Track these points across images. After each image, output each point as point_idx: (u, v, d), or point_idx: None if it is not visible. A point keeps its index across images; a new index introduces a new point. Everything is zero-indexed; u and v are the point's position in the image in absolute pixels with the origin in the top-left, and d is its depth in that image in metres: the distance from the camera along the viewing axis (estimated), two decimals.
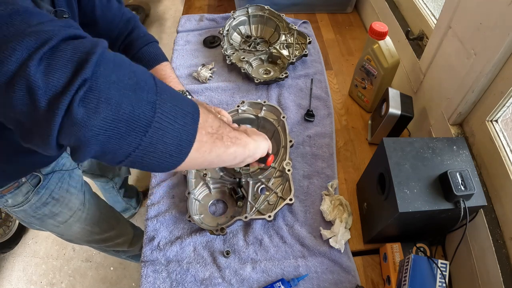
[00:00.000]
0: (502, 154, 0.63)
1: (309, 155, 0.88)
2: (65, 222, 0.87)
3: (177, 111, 0.39)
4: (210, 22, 1.27)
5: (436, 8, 0.90)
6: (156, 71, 0.83)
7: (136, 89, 0.35)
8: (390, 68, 0.86)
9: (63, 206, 0.84)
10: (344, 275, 0.70)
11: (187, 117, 0.40)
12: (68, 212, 0.86)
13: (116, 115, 0.34)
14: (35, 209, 0.78)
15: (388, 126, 0.83)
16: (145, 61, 0.83)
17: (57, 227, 0.88)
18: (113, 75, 0.34)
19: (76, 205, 0.87)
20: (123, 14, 0.83)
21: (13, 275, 1.60)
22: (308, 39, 1.09)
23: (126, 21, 0.83)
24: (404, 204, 0.57)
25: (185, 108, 0.40)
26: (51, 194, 0.80)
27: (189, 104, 0.42)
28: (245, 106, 0.92)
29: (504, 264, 0.58)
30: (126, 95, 0.34)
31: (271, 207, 0.77)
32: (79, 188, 0.89)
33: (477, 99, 0.69)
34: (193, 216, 0.74)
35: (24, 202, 0.75)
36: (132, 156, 0.37)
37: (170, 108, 0.38)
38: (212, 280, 0.70)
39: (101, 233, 1.02)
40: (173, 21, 2.80)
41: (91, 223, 0.95)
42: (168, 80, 0.82)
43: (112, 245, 1.12)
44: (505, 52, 0.58)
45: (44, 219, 0.83)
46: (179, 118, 0.39)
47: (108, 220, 1.04)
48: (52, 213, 0.83)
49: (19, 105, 0.32)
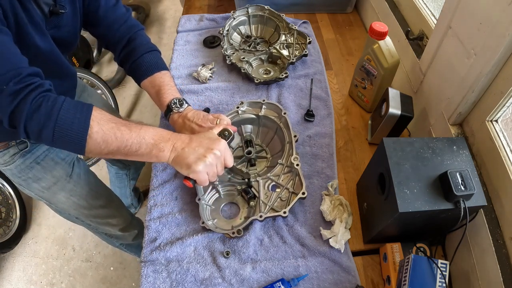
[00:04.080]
0: (502, 154, 0.63)
1: (309, 155, 0.88)
2: (48, 189, 0.91)
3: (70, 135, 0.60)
4: (210, 22, 1.27)
5: (436, 8, 0.91)
6: (154, 78, 0.85)
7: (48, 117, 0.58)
8: (390, 68, 0.86)
9: (47, 172, 0.88)
10: (344, 275, 0.70)
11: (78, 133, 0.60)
12: (51, 179, 0.90)
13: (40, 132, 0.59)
14: (20, 171, 0.85)
15: (388, 126, 0.83)
16: (145, 67, 0.84)
17: (42, 192, 0.91)
18: (35, 125, 0.58)
19: (60, 174, 0.91)
20: (127, 20, 0.85)
21: (13, 275, 1.60)
22: (308, 39, 1.09)
23: (128, 27, 0.85)
24: (404, 204, 0.57)
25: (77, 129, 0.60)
26: (36, 159, 0.85)
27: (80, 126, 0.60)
28: (245, 106, 0.92)
29: (504, 264, 0.58)
30: (42, 125, 0.58)
31: (284, 203, 0.77)
32: (68, 160, 0.92)
33: (477, 99, 0.69)
34: (206, 222, 0.74)
35: (10, 162, 0.82)
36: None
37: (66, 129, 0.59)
38: (212, 280, 0.70)
39: (89, 208, 1.02)
40: (173, 21, 2.80)
41: (77, 196, 0.97)
42: (166, 88, 0.84)
43: (103, 223, 1.12)
44: (505, 52, 0.58)
45: (29, 182, 0.88)
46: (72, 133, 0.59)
47: (98, 197, 1.05)
48: (36, 177, 0.88)
49: None
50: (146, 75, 0.85)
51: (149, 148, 0.64)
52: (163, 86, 0.84)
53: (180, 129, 0.81)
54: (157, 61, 0.87)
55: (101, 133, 0.60)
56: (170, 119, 0.83)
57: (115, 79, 2.34)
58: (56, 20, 0.70)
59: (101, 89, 1.91)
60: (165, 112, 0.83)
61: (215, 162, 0.66)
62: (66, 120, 0.58)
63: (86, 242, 1.66)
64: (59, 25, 0.71)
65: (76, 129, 0.59)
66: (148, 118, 2.20)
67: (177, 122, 0.82)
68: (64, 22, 0.72)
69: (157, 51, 0.88)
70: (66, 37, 0.75)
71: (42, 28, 0.66)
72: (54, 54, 0.71)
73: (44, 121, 0.57)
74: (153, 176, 0.86)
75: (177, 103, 0.82)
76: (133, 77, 0.89)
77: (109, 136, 0.61)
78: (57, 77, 0.76)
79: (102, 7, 0.80)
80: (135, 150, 0.63)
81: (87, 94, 1.07)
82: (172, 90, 0.85)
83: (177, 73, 1.09)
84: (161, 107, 0.85)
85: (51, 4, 0.67)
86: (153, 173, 0.87)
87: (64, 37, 0.73)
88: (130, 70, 0.88)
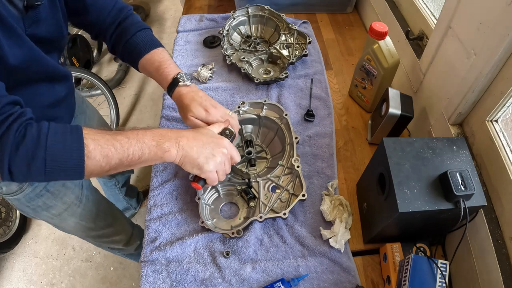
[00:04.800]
0: (502, 154, 0.63)
1: (309, 155, 0.88)
2: (59, 215, 0.87)
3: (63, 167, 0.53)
4: (210, 22, 1.27)
5: (436, 8, 0.90)
6: (153, 55, 0.79)
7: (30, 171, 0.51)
8: (390, 68, 0.86)
9: (58, 199, 0.83)
10: (344, 275, 0.70)
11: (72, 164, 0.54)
12: (62, 206, 0.86)
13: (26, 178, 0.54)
14: (29, 200, 0.79)
15: (388, 126, 0.83)
16: (140, 46, 0.79)
17: (51, 219, 0.88)
18: (18, 170, 0.51)
19: (71, 199, 0.87)
20: (116, 3, 0.80)
21: (13, 275, 1.60)
22: (308, 39, 1.09)
23: (118, 9, 0.80)
24: (404, 204, 0.57)
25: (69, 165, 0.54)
26: (46, 186, 0.79)
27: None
28: (246, 106, 0.92)
29: (504, 264, 0.58)
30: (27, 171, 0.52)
31: (284, 204, 0.77)
32: (77, 182, 0.88)
33: (477, 99, 0.69)
34: (206, 221, 0.74)
35: (18, 191, 0.76)
36: None
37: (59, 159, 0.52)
38: (212, 280, 0.70)
39: (96, 229, 1.01)
40: (173, 21, 2.80)
41: (86, 219, 0.95)
42: (168, 63, 0.78)
43: (108, 241, 1.11)
44: (505, 52, 0.58)
45: (38, 210, 0.83)
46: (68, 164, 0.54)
47: (105, 217, 1.04)
48: (46, 205, 0.83)
49: None
50: (143, 53, 0.79)
51: (153, 151, 0.60)
52: (164, 61, 0.78)
53: (189, 101, 0.74)
54: (152, 38, 0.82)
55: (99, 149, 0.54)
56: (176, 92, 0.76)
57: (115, 79, 2.34)
58: (33, 14, 0.62)
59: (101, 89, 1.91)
60: (170, 85, 0.77)
61: (223, 160, 0.65)
62: (57, 145, 0.52)
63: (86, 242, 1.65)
64: (37, 20, 0.63)
65: (70, 152, 0.52)
66: (148, 118, 2.20)
67: (187, 95, 0.75)
68: (42, 16, 0.64)
69: (149, 29, 0.83)
70: (49, 32, 0.67)
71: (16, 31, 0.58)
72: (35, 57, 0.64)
73: (32, 153, 0.50)
74: (153, 176, 0.86)
75: (184, 77, 0.77)
76: (128, 58, 0.82)
77: (108, 150, 0.55)
78: (45, 80, 0.70)
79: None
80: (138, 158, 0.59)
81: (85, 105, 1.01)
82: (174, 66, 0.79)
83: None
84: (163, 81, 0.78)
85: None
86: (153, 173, 0.87)
87: (45, 33, 0.66)
88: (124, 51, 0.81)
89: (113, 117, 1.96)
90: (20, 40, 0.59)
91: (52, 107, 0.75)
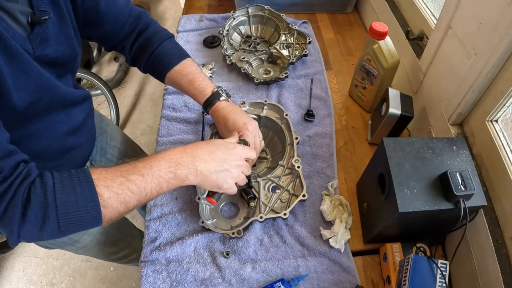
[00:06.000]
0: (502, 154, 0.63)
1: (309, 155, 0.88)
2: (84, 247, 0.85)
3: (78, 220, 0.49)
4: (210, 22, 1.27)
5: (436, 8, 0.90)
6: (184, 66, 0.76)
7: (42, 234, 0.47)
8: (390, 68, 0.86)
9: (83, 232, 0.81)
10: (344, 275, 0.70)
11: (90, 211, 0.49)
12: (88, 238, 0.84)
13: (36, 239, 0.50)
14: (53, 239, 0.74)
15: (388, 126, 0.83)
16: (168, 57, 0.75)
17: (75, 250, 0.86)
18: (28, 235, 0.46)
19: (96, 230, 0.85)
20: (132, 9, 0.74)
21: (13, 275, 1.60)
22: (308, 39, 1.09)
23: (136, 16, 0.74)
24: (404, 204, 0.57)
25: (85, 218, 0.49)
26: None
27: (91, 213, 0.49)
28: (246, 106, 0.92)
29: (504, 264, 0.58)
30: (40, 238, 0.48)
31: (284, 204, 0.77)
32: None
33: (477, 99, 0.69)
34: (206, 221, 0.73)
35: None
36: None
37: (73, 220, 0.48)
38: (212, 280, 0.70)
39: (118, 252, 1.00)
40: (173, 21, 2.80)
41: (110, 244, 0.93)
42: (202, 75, 0.77)
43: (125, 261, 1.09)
44: (505, 52, 0.58)
45: (62, 245, 0.81)
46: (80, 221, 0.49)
47: (125, 238, 1.02)
48: (72, 240, 0.80)
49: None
50: (173, 64, 0.75)
51: (171, 183, 0.56)
52: (198, 74, 0.75)
53: (238, 117, 0.74)
54: (179, 48, 0.78)
55: (115, 197, 0.49)
56: (215, 107, 0.75)
57: (115, 79, 2.34)
58: (40, 31, 0.54)
59: (101, 89, 1.91)
60: (209, 99, 0.75)
61: (240, 170, 0.65)
62: (68, 200, 0.46)
63: None
64: (46, 38, 0.55)
65: (85, 205, 0.47)
66: (148, 118, 2.20)
67: (233, 111, 0.75)
68: (51, 33, 0.56)
69: (173, 37, 0.79)
70: (59, 52, 0.59)
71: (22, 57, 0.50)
72: (46, 86, 0.56)
73: (42, 216, 0.45)
74: None
75: (223, 92, 0.76)
76: (154, 69, 0.77)
77: (124, 195, 0.50)
78: (60, 108, 0.64)
79: (102, 1, 0.65)
80: (157, 193, 0.55)
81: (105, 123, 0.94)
82: (208, 79, 0.77)
83: None
84: (199, 96, 0.75)
85: (29, 13, 0.52)
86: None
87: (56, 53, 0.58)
88: (149, 63, 0.76)
89: (113, 117, 1.96)
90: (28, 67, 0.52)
91: (71, 134, 0.69)
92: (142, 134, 2.12)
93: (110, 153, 0.92)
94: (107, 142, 0.91)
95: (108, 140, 0.92)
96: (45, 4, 0.54)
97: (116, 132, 0.98)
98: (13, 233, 0.44)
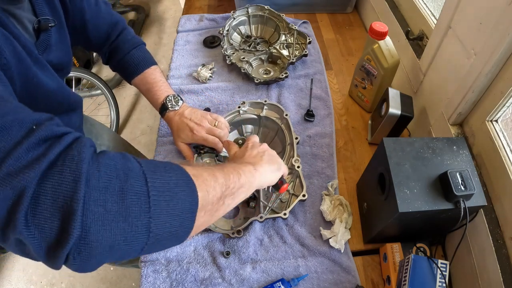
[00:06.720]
0: (502, 154, 0.63)
1: (309, 155, 0.88)
2: None
3: (172, 218, 0.36)
4: (210, 22, 1.27)
5: (436, 8, 0.91)
6: (145, 75, 0.82)
7: (126, 216, 0.32)
8: (390, 68, 0.86)
9: None
10: (344, 275, 0.70)
11: (185, 216, 0.38)
12: None
13: (110, 252, 0.32)
14: None
15: (388, 126, 0.83)
16: (133, 65, 0.82)
17: None
18: (101, 208, 0.31)
19: None
20: (112, 17, 0.80)
21: (13, 275, 1.60)
22: (308, 39, 1.09)
23: (114, 24, 0.80)
24: (404, 204, 0.57)
25: (182, 207, 0.37)
26: None
27: (187, 199, 0.38)
28: (246, 106, 0.92)
29: (504, 264, 0.58)
30: (117, 229, 0.32)
31: (284, 204, 0.77)
32: None
33: (477, 99, 0.69)
34: None
35: None
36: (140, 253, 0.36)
37: (165, 219, 0.35)
38: (212, 280, 0.70)
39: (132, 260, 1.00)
40: (173, 21, 2.81)
41: None
42: (158, 85, 0.82)
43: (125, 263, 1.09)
44: (505, 52, 0.58)
45: None
46: (175, 223, 0.37)
47: None
48: None
49: (17, 251, 0.32)
50: (135, 73, 0.82)
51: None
52: (155, 83, 0.81)
53: (177, 127, 0.80)
54: (145, 56, 0.83)
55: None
56: (166, 117, 0.82)
57: (115, 79, 2.34)
58: (45, 38, 0.57)
59: (101, 89, 1.91)
60: (160, 109, 0.82)
61: (267, 149, 0.67)
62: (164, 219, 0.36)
63: None
64: (49, 45, 0.58)
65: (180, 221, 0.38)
66: (148, 118, 2.20)
67: (173, 120, 0.80)
68: (53, 40, 0.59)
69: (143, 45, 0.85)
70: (59, 58, 0.62)
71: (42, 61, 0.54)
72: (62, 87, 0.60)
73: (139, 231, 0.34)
74: None
75: (172, 100, 0.80)
76: (121, 75, 0.85)
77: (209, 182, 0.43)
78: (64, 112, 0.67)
79: (87, 10, 0.70)
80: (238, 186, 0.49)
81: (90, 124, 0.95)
82: (165, 87, 0.82)
83: (177, 73, 1.09)
84: (154, 104, 0.83)
85: (34, 21, 0.55)
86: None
87: (57, 59, 0.61)
88: (117, 68, 0.84)
89: (113, 117, 1.96)
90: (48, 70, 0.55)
91: None
92: (142, 134, 2.12)
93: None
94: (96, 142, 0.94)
95: (95, 140, 0.96)
96: (47, 12, 0.57)
97: (102, 131, 1.01)
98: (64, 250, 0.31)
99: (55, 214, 0.29)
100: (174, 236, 0.37)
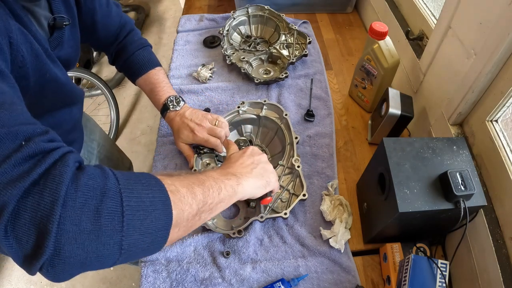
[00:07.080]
0: (502, 154, 0.63)
1: (309, 155, 0.88)
2: None
3: (145, 236, 0.37)
4: (210, 22, 1.27)
5: (436, 8, 0.91)
6: (149, 76, 0.84)
7: (99, 236, 0.33)
8: (390, 68, 0.86)
9: None
10: (344, 275, 0.70)
11: (158, 234, 0.39)
12: None
13: (82, 267, 0.34)
14: None
15: (388, 126, 0.83)
16: (138, 65, 0.84)
17: None
18: (75, 227, 0.32)
19: None
20: (121, 18, 0.82)
21: (13, 275, 1.60)
22: (308, 39, 1.09)
23: (123, 25, 0.83)
24: (404, 204, 0.57)
25: (155, 225, 0.38)
26: None
27: (161, 217, 0.39)
28: (246, 106, 0.92)
29: (504, 264, 0.58)
30: (90, 247, 0.33)
31: (285, 204, 0.77)
32: None
33: (477, 99, 0.69)
34: (206, 221, 0.74)
35: None
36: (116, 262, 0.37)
37: (138, 237, 0.36)
38: (212, 280, 0.70)
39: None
40: (173, 21, 2.81)
41: None
42: (161, 86, 0.83)
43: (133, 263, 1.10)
44: (505, 52, 0.58)
45: None
46: (148, 240, 0.38)
47: None
48: None
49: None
50: (139, 74, 0.84)
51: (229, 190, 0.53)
52: (158, 84, 0.83)
53: (177, 128, 0.81)
54: (150, 57, 0.85)
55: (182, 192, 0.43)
56: (167, 118, 0.83)
57: (115, 79, 2.34)
58: (59, 35, 0.59)
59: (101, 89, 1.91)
60: (161, 110, 0.83)
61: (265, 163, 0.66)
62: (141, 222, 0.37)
63: None
64: (61, 42, 0.60)
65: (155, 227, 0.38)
66: (148, 118, 2.20)
67: (174, 121, 0.81)
68: (65, 37, 0.62)
69: (148, 46, 0.87)
70: (68, 54, 0.65)
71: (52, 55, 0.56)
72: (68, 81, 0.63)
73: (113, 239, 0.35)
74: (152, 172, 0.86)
75: (174, 101, 0.81)
76: (126, 75, 0.87)
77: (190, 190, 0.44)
78: (66, 106, 0.69)
79: (98, 11, 0.72)
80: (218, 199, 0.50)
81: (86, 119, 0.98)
82: (167, 87, 0.84)
83: (177, 73, 1.09)
84: (156, 105, 0.84)
85: (49, 18, 0.57)
86: (153, 172, 0.86)
87: (66, 55, 0.64)
88: (123, 69, 0.86)
89: (113, 117, 1.96)
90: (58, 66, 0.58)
91: (71, 131, 0.77)
92: (142, 134, 2.12)
93: (90, 145, 0.98)
94: (88, 136, 0.98)
95: (89, 134, 0.98)
96: (62, 10, 0.60)
97: (95, 127, 1.04)
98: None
99: (32, 230, 0.31)
100: (147, 250, 0.39)
